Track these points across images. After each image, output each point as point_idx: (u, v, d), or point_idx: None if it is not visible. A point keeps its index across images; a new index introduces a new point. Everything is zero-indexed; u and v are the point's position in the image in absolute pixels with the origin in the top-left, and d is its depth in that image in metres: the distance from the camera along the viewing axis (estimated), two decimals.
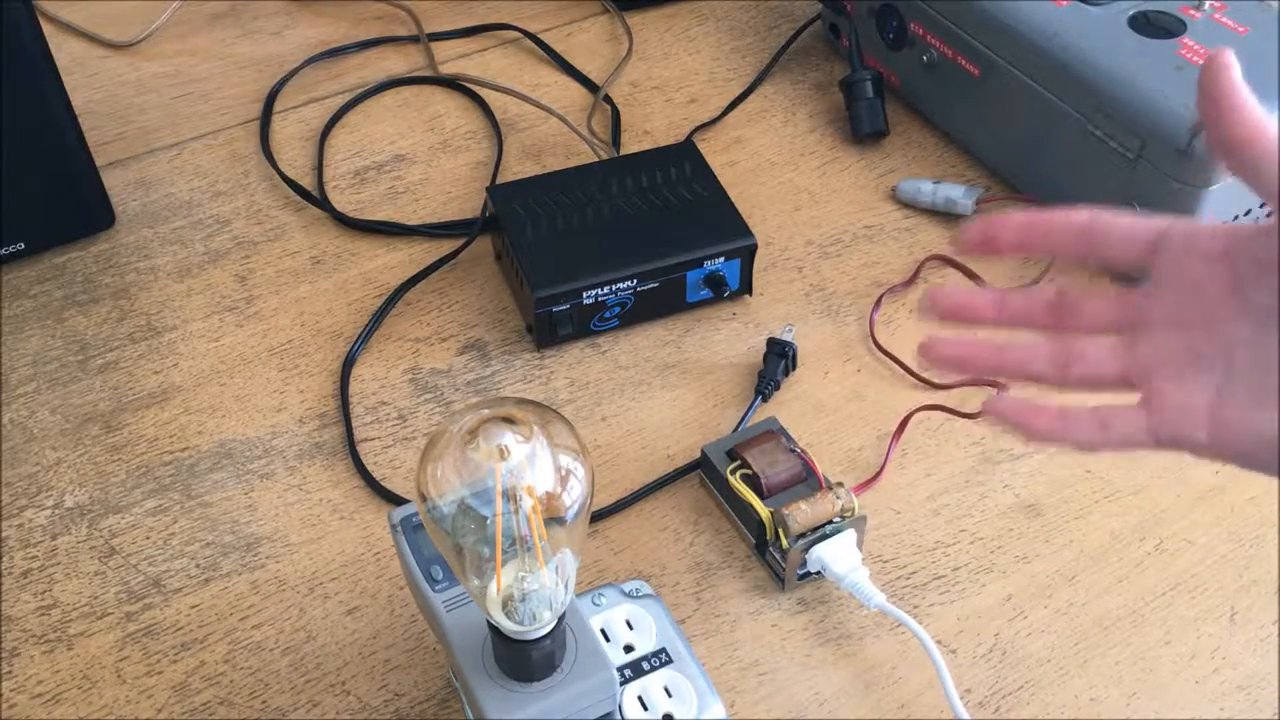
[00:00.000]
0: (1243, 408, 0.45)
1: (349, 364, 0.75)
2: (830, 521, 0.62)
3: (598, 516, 0.68)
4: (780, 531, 0.62)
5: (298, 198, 0.86)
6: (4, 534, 0.67)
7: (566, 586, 0.47)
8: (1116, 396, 0.48)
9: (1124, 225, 0.49)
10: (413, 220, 0.85)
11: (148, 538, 0.67)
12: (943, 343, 0.51)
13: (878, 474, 0.69)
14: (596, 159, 0.86)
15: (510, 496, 0.44)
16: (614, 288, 0.74)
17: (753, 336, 0.77)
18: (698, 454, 0.69)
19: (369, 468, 0.70)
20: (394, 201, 0.86)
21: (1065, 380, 0.49)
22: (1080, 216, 0.49)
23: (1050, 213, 0.49)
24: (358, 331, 0.77)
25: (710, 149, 0.88)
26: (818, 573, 0.64)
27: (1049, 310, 0.50)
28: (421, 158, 0.90)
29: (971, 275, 0.80)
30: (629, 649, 0.57)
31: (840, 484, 0.64)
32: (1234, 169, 0.46)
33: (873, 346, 0.76)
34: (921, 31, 0.87)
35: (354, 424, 0.72)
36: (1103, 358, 0.48)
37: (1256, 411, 0.44)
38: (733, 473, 0.65)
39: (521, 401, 0.47)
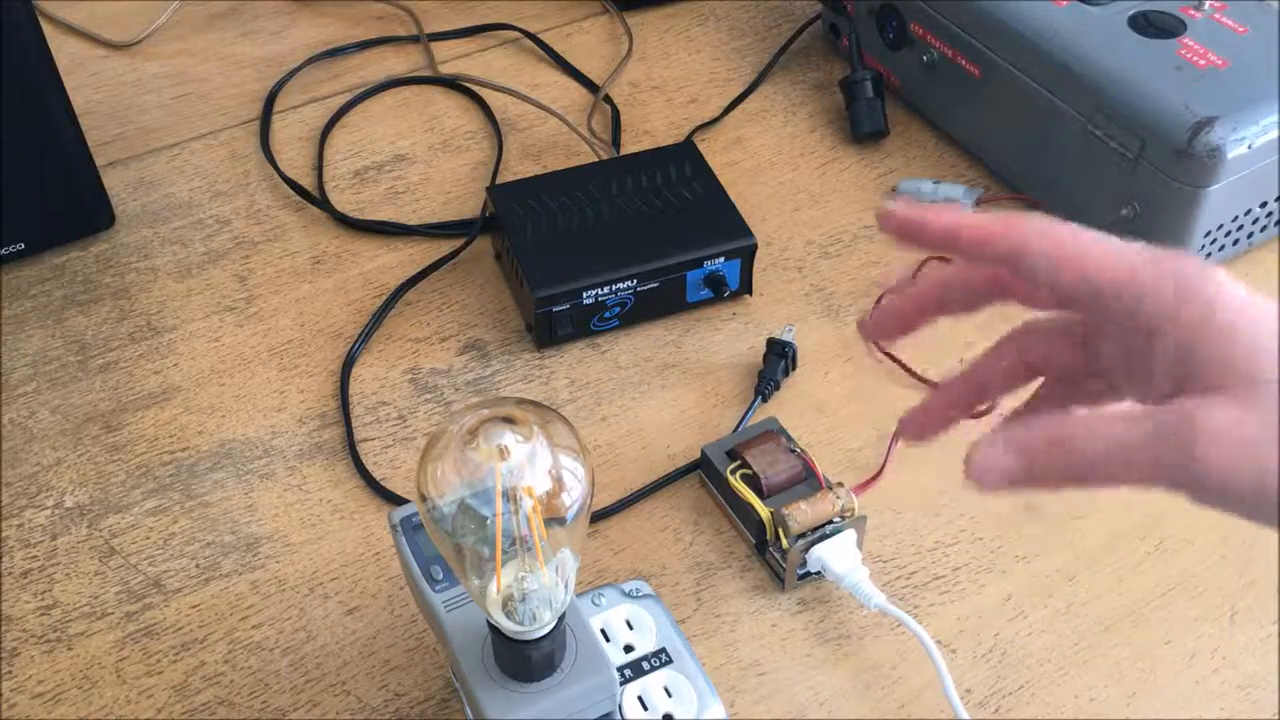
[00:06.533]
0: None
1: (349, 364, 0.75)
2: (830, 521, 0.63)
3: (598, 516, 0.68)
4: (780, 531, 0.62)
5: (298, 198, 0.86)
6: (4, 534, 0.67)
7: (566, 586, 0.47)
8: None
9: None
10: (413, 220, 0.85)
11: (148, 538, 0.67)
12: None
13: (878, 474, 0.69)
14: (596, 159, 0.86)
15: (510, 496, 0.44)
16: (614, 288, 0.74)
17: (753, 336, 0.77)
18: (698, 454, 0.69)
19: (369, 468, 0.70)
20: (394, 201, 0.86)
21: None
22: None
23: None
24: (358, 331, 0.77)
25: (710, 149, 0.88)
26: (818, 573, 0.64)
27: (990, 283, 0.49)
28: (421, 158, 0.90)
29: None
30: (629, 649, 0.57)
31: (840, 484, 0.64)
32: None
33: (873, 346, 0.76)
34: (921, 31, 0.87)
35: (354, 424, 0.72)
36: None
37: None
38: (733, 473, 0.65)
39: (521, 401, 0.47)
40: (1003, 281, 0.48)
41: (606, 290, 0.74)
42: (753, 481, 0.65)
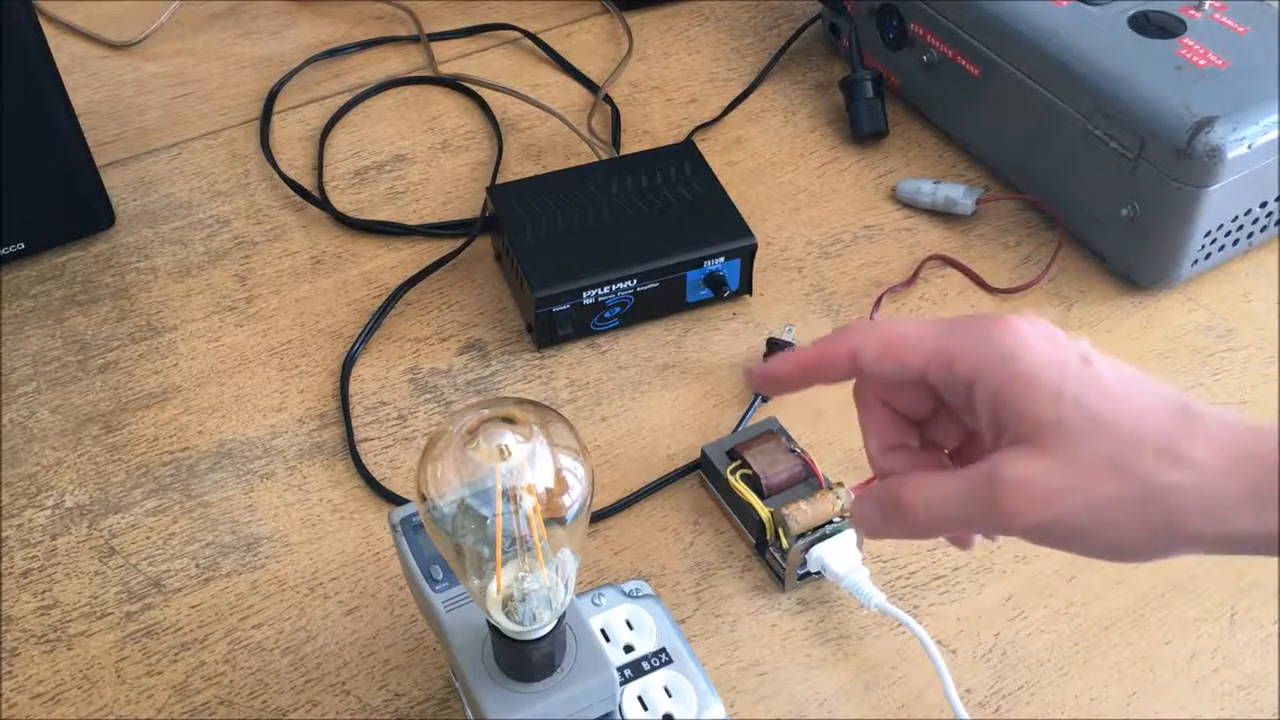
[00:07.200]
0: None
1: (349, 364, 0.75)
2: (830, 521, 0.63)
3: (598, 516, 0.68)
4: (780, 531, 0.62)
5: (298, 198, 0.86)
6: (4, 534, 0.67)
7: (566, 586, 0.47)
8: None
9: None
10: (413, 220, 0.85)
11: (148, 538, 0.67)
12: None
13: None
14: (596, 159, 0.86)
15: (510, 496, 0.44)
16: (614, 288, 0.74)
17: (753, 336, 0.77)
18: (698, 454, 0.69)
19: (369, 468, 0.70)
20: (394, 201, 0.86)
21: None
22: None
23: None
24: (358, 331, 0.77)
25: (710, 149, 0.88)
26: (818, 573, 0.64)
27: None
28: (421, 158, 0.90)
29: (971, 275, 0.80)
30: (629, 649, 0.57)
31: (840, 484, 0.64)
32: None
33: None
34: (921, 31, 0.87)
35: (354, 424, 0.72)
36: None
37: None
38: (733, 473, 0.65)
39: (521, 401, 0.47)
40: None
41: (606, 290, 0.74)
42: (753, 481, 0.65)
